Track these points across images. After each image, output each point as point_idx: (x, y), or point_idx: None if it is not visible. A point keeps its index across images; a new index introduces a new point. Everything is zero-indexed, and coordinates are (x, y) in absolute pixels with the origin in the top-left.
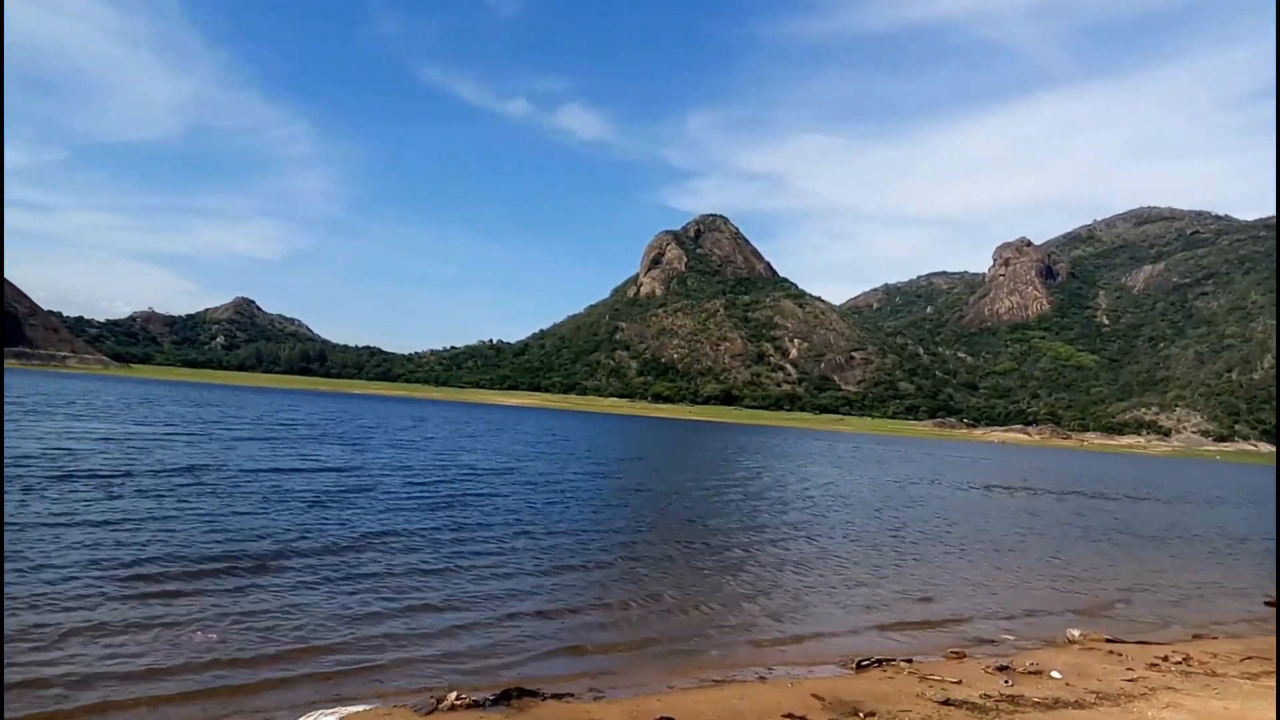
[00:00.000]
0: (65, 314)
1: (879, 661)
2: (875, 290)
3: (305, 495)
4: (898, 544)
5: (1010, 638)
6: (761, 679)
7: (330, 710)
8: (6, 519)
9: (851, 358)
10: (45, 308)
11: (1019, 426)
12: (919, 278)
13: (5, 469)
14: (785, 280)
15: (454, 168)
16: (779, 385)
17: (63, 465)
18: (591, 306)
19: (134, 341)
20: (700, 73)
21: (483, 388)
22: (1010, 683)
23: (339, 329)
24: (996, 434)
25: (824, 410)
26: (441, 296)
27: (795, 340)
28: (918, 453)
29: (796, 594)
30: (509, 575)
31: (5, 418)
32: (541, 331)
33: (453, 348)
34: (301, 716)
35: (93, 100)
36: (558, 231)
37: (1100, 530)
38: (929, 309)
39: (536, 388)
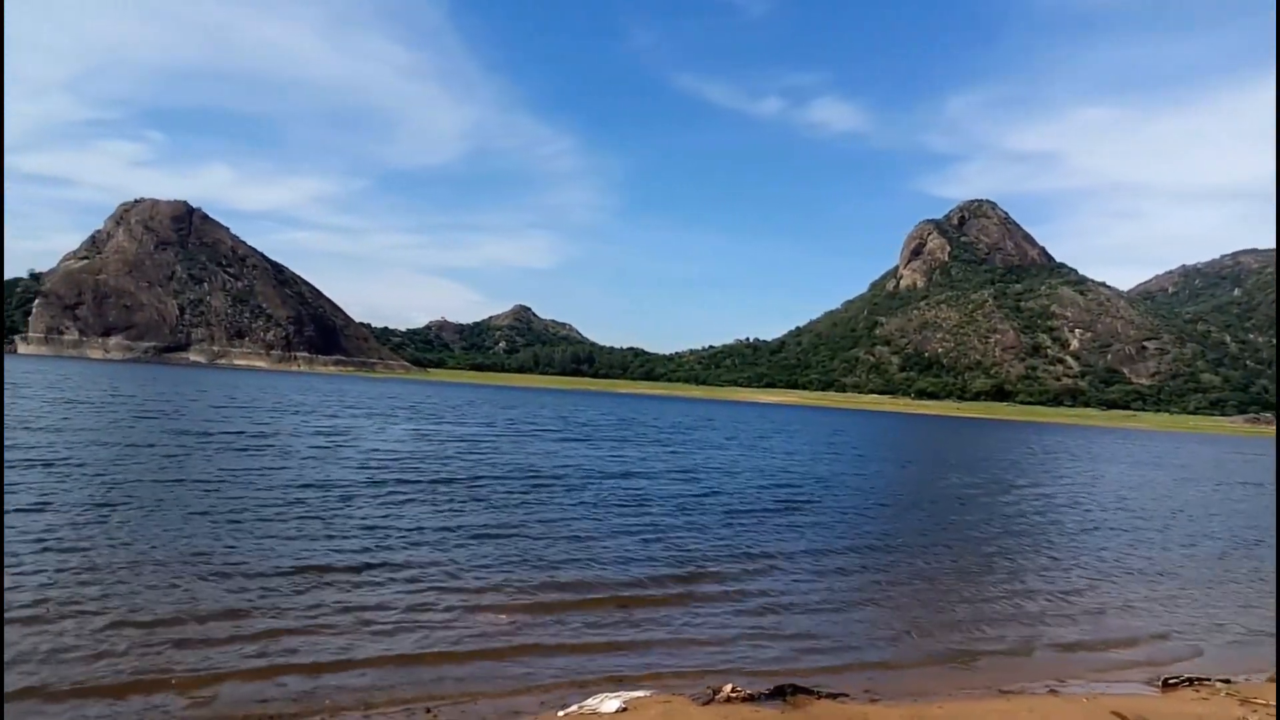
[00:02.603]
0: (373, 325)
1: (1190, 680)
2: (1170, 273)
3: (628, 495)
4: (1226, 553)
5: None
6: (1053, 692)
7: (614, 694)
8: (387, 526)
9: (1143, 348)
10: (357, 320)
11: None
12: (1223, 257)
13: (382, 476)
14: (1063, 266)
15: (708, 170)
16: (1058, 379)
17: (424, 470)
18: (849, 302)
19: (430, 348)
20: (961, 52)
21: (740, 385)
22: None
23: (605, 331)
24: None
25: (1112, 406)
26: (698, 297)
27: (1076, 330)
28: (1237, 453)
29: (1098, 603)
30: (795, 574)
31: (358, 422)
32: (798, 329)
33: (710, 347)
34: (589, 698)
35: (389, 132)
36: (812, 227)
37: None
38: (1236, 291)
39: (794, 385)
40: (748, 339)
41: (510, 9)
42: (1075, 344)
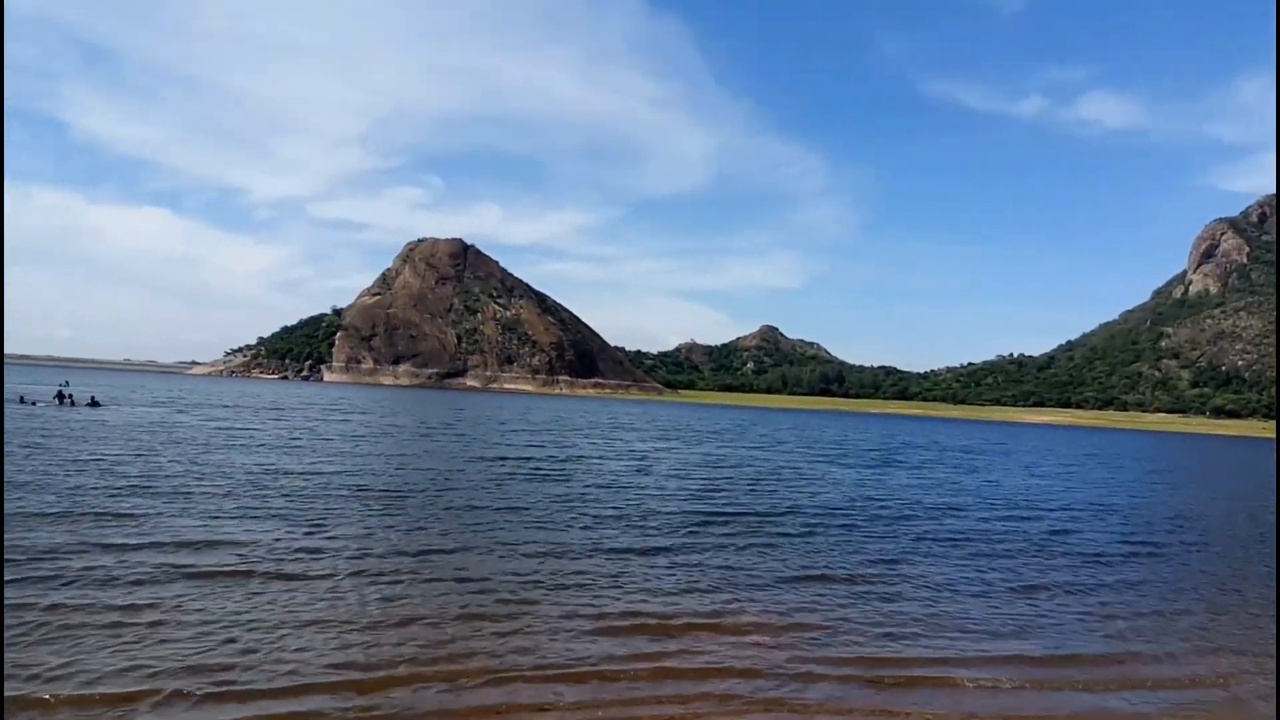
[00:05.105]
0: (626, 348)
1: None
2: None
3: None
4: None
5: None
6: None
7: None
8: (711, 566)
9: None
10: (612, 344)
11: None
12: None
13: (694, 506)
14: None
15: (963, 178)
16: None
17: (738, 502)
18: (1128, 312)
19: (680, 369)
20: (1254, 28)
21: (1005, 404)
22: None
23: (854, 349)
24: None
25: None
26: (954, 311)
27: None
28: None
29: None
30: (1127, 624)
31: (646, 445)
32: (1069, 342)
33: (970, 364)
34: None
35: (641, 162)
36: (1082, 232)
37: None
38: None
39: (1066, 404)
40: (1011, 354)
41: (755, 31)
42: None
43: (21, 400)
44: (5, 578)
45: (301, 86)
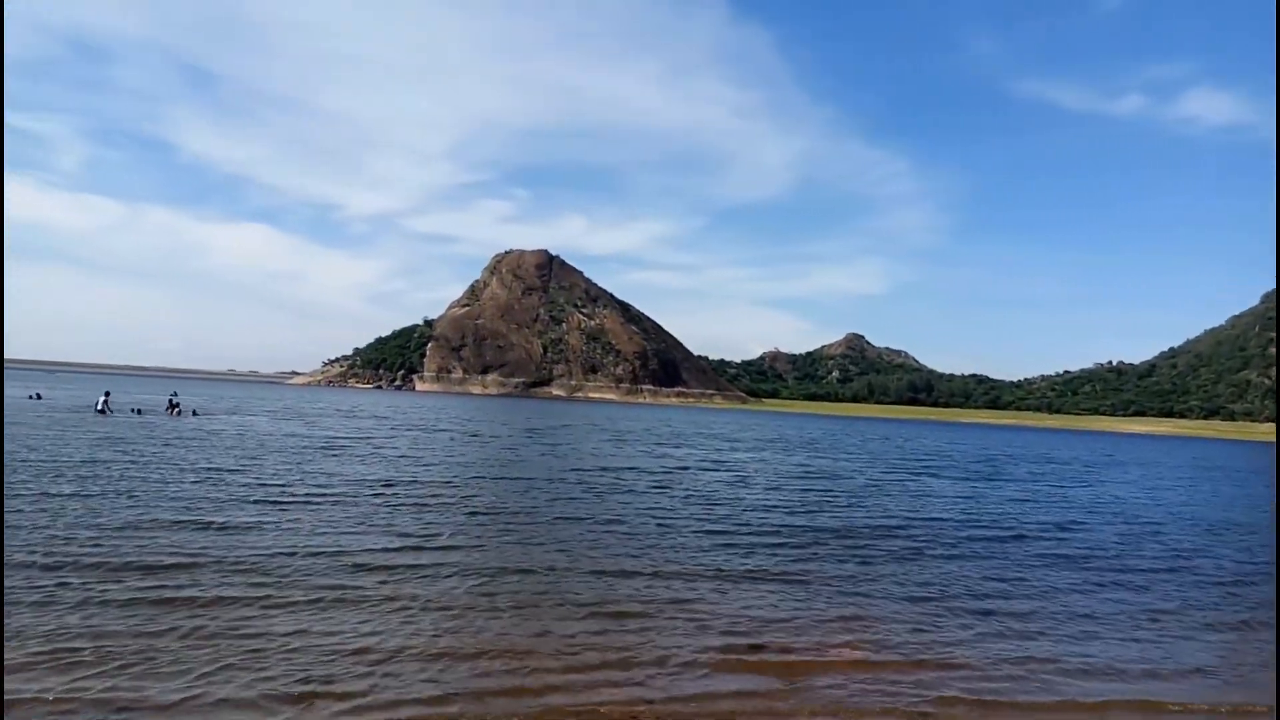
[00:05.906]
0: (709, 357)
1: None
2: None
3: None
4: None
5: None
6: None
7: None
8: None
9: None
10: (695, 353)
11: None
12: None
13: (803, 523)
14: None
15: (1058, 180)
16: None
17: (848, 518)
18: (1235, 317)
19: (763, 378)
20: None
21: (1103, 414)
22: None
23: (943, 358)
24: None
25: None
26: (1049, 317)
27: None
28: None
29: None
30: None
31: (737, 456)
32: (1172, 350)
33: (1066, 372)
34: None
35: (723, 170)
36: (1185, 234)
37: None
38: None
39: (1168, 413)
40: (1110, 362)
41: (841, 35)
42: None
43: (132, 411)
44: (135, 597)
45: (392, 104)
